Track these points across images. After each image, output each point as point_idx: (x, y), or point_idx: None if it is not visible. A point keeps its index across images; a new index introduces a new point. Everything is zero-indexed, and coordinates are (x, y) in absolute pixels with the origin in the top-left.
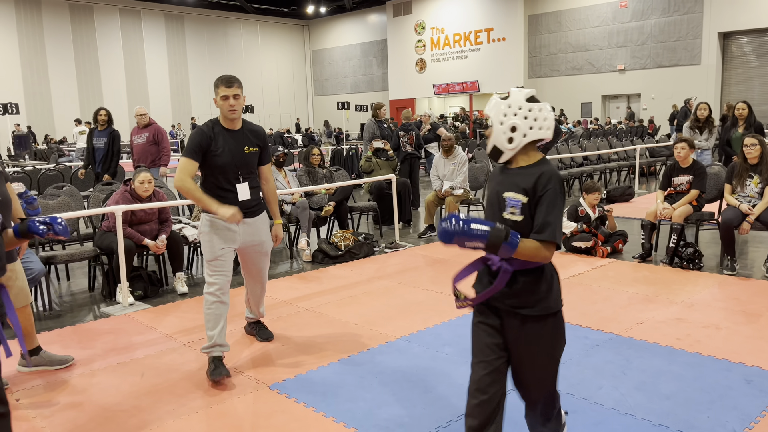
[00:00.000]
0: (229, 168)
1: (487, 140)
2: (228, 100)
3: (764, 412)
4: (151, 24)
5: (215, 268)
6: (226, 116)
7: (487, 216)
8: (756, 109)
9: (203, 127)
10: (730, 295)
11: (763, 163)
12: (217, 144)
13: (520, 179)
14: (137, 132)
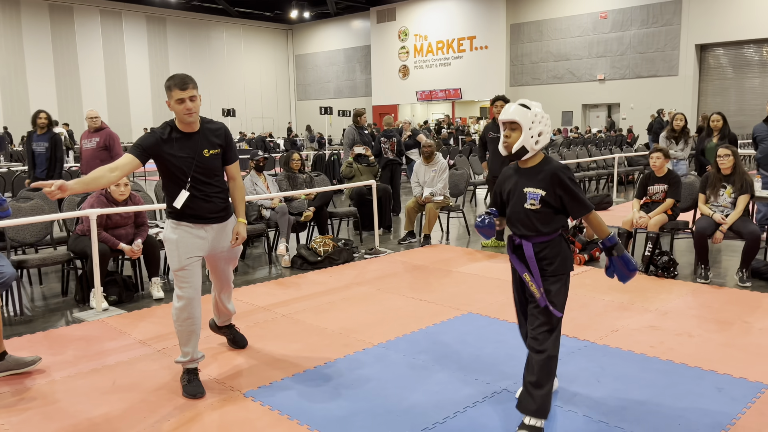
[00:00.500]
0: (179, 171)
1: (505, 141)
2: (184, 103)
3: (735, 420)
4: (133, 26)
5: (182, 279)
6: (183, 120)
7: (512, 207)
8: (732, 120)
9: (157, 129)
10: (703, 303)
11: (735, 174)
12: (171, 147)
13: (537, 176)
14: (87, 136)
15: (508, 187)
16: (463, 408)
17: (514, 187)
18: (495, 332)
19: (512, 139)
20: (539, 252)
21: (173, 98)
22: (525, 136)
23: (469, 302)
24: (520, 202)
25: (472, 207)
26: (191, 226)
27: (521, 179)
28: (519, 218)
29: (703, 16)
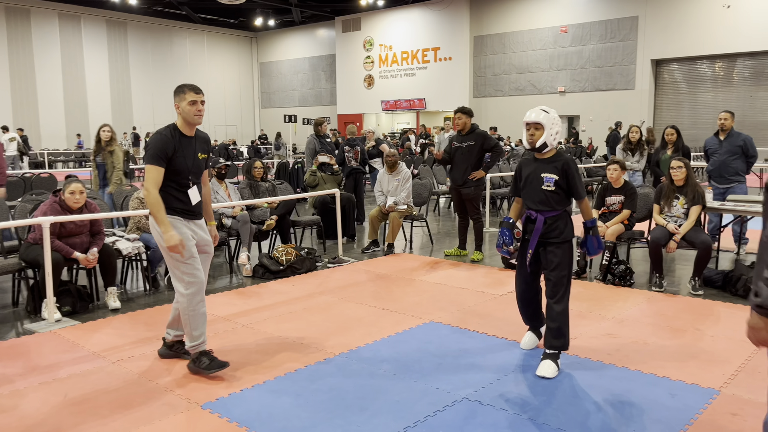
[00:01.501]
0: (184, 172)
1: (530, 138)
2: (196, 105)
3: (687, 426)
4: (92, 30)
5: (193, 266)
6: (192, 121)
7: (530, 188)
8: (685, 133)
9: (165, 132)
10: (657, 311)
11: (688, 185)
12: (177, 149)
13: (552, 165)
14: None
15: (527, 173)
16: (423, 417)
17: (533, 173)
18: (456, 341)
19: (536, 137)
20: (552, 224)
21: (186, 100)
22: (547, 134)
23: (431, 311)
24: (538, 184)
25: (435, 216)
26: (183, 220)
27: (540, 166)
28: (537, 197)
29: (658, 32)
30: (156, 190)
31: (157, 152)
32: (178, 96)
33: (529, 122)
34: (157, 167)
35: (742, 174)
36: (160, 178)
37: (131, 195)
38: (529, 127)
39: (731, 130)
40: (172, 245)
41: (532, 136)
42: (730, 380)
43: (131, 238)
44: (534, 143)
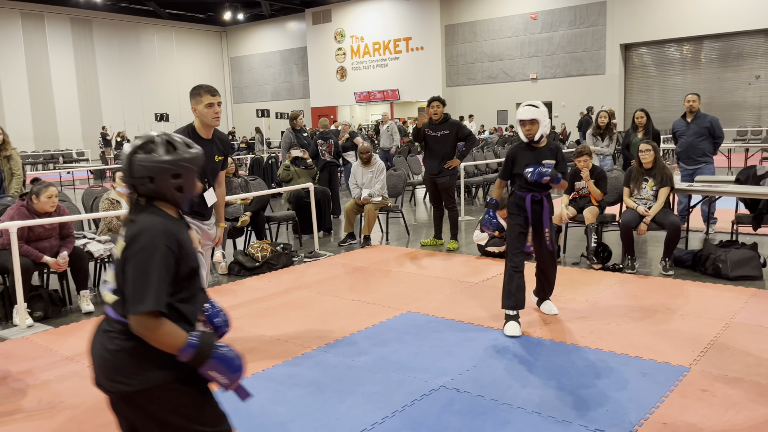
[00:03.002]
0: (201, 176)
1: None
2: (213, 107)
3: (658, 403)
4: (56, 28)
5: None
6: (210, 124)
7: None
8: (656, 116)
9: (183, 134)
10: (629, 292)
11: (656, 168)
12: None
13: (549, 151)
14: None
15: (525, 160)
16: (401, 407)
17: (533, 160)
18: (433, 330)
19: (534, 131)
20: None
21: (203, 102)
22: (542, 126)
23: (408, 301)
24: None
25: (411, 207)
26: (191, 220)
27: (539, 153)
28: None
29: (626, 16)
30: None
31: None
32: (194, 98)
33: (524, 120)
34: None
35: (710, 155)
36: None
37: (101, 196)
38: (525, 123)
39: (698, 112)
40: None
41: (529, 131)
42: (700, 357)
43: (103, 240)
44: (532, 137)
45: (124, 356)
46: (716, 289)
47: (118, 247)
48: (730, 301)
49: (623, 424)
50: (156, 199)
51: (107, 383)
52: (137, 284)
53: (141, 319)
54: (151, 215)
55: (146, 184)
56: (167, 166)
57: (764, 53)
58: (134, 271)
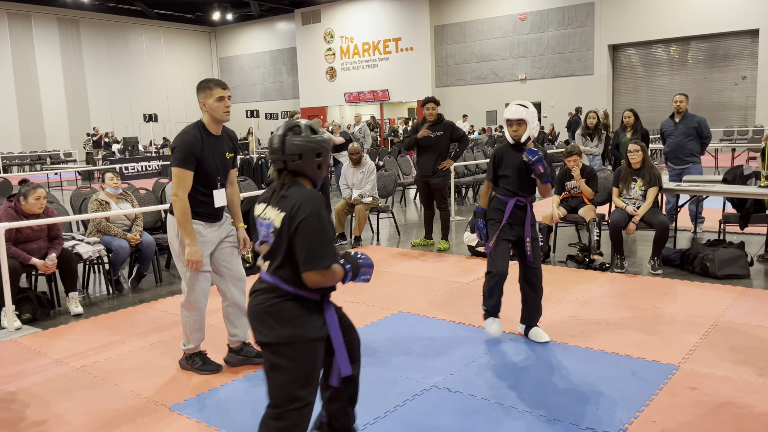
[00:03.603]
0: (212, 175)
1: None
2: (224, 101)
3: (648, 402)
4: (43, 28)
5: (198, 279)
6: (221, 119)
7: (516, 177)
8: (644, 116)
9: (193, 132)
10: (619, 291)
11: (645, 168)
12: (207, 148)
13: None
14: None
15: (512, 162)
16: (393, 407)
17: (518, 163)
18: (424, 330)
19: (521, 132)
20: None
21: (213, 96)
22: (530, 128)
23: (399, 302)
24: (527, 172)
25: (401, 207)
26: (205, 224)
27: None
28: (523, 185)
29: (614, 17)
30: (186, 196)
31: (186, 154)
32: (204, 92)
33: (512, 119)
34: (187, 171)
35: (697, 155)
36: (190, 182)
37: (90, 197)
38: (512, 123)
39: (686, 112)
40: (194, 260)
41: (516, 131)
42: (689, 355)
43: (91, 241)
44: (519, 138)
45: (265, 311)
46: (704, 288)
47: (276, 218)
48: (717, 300)
49: (613, 422)
50: (299, 175)
51: (252, 332)
52: (313, 245)
53: (321, 272)
54: (301, 188)
55: (295, 161)
56: (313, 145)
57: (750, 54)
58: (307, 234)
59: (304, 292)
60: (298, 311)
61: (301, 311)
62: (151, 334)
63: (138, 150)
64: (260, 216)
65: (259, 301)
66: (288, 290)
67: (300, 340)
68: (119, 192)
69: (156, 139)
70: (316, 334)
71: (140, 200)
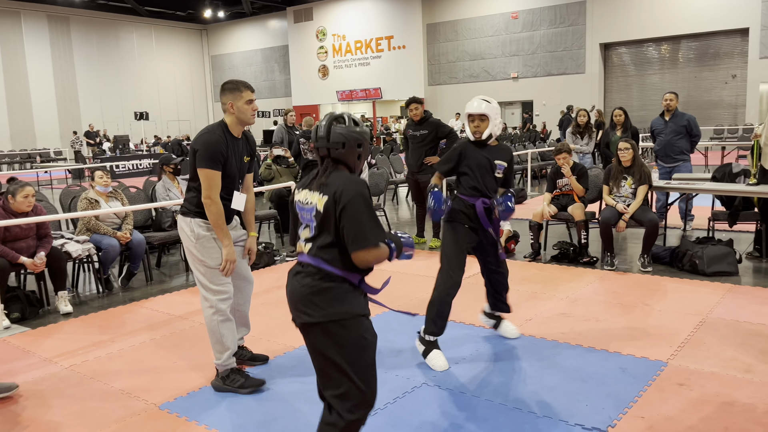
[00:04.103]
0: (234, 177)
1: (476, 131)
2: (252, 104)
3: (636, 398)
4: (33, 26)
5: (221, 276)
6: (248, 121)
7: (480, 176)
8: (635, 115)
9: (218, 131)
10: (609, 289)
11: (635, 166)
12: (230, 150)
13: (500, 152)
14: None
15: (474, 160)
16: (384, 405)
17: (482, 160)
18: (415, 328)
19: (482, 128)
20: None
21: (243, 99)
22: (492, 124)
23: (391, 299)
24: (491, 171)
25: (393, 205)
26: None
27: (490, 153)
28: (489, 184)
29: (605, 16)
30: (218, 198)
31: (213, 154)
32: (233, 94)
33: (473, 113)
34: (216, 171)
35: (687, 153)
36: (219, 182)
37: (79, 196)
38: (473, 118)
39: (676, 111)
40: (232, 260)
41: (477, 127)
42: (677, 352)
43: (81, 240)
44: (480, 135)
45: (311, 293)
46: (693, 285)
47: (318, 202)
48: (706, 297)
49: (602, 418)
50: (339, 163)
51: (295, 314)
52: (361, 225)
53: (369, 250)
54: (342, 173)
55: (339, 149)
56: (357, 135)
57: (740, 53)
58: (355, 216)
59: (347, 273)
60: (343, 290)
61: (346, 290)
62: (141, 333)
63: (129, 148)
64: (301, 201)
65: (303, 283)
66: (332, 271)
67: (349, 316)
68: (109, 190)
69: (147, 137)
70: (362, 310)
71: (130, 198)
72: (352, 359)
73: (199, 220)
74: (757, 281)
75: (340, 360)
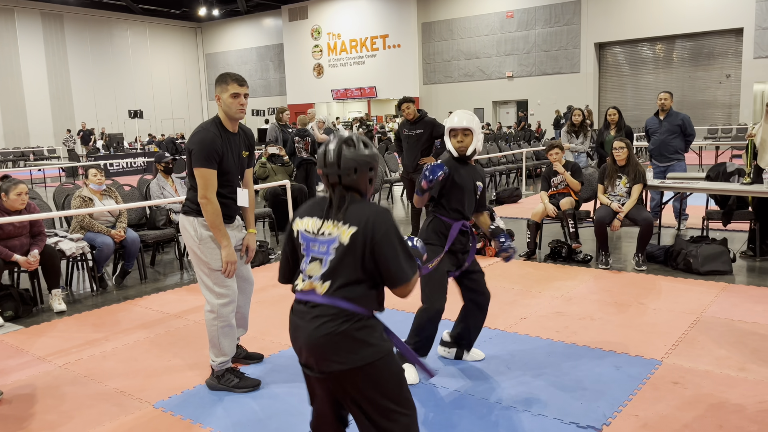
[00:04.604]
0: (233, 173)
1: (460, 146)
2: (239, 98)
3: (631, 396)
4: (27, 23)
5: (225, 278)
6: (234, 116)
7: (463, 196)
8: (629, 114)
9: (212, 129)
10: (603, 287)
11: (629, 165)
12: (226, 146)
13: (478, 173)
14: None
15: (458, 179)
16: None
17: (465, 179)
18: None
19: (466, 143)
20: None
21: (228, 92)
22: (476, 139)
23: (387, 298)
24: (473, 191)
25: (388, 204)
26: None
27: (470, 173)
28: (470, 205)
29: (600, 15)
30: (215, 197)
31: (208, 152)
32: (220, 86)
33: (457, 128)
34: (211, 170)
35: (681, 152)
36: (215, 181)
37: (73, 194)
38: (456, 133)
39: (670, 110)
40: (232, 261)
41: (461, 143)
42: (671, 350)
43: (75, 238)
44: (465, 151)
45: (339, 338)
46: (687, 284)
47: (343, 234)
48: (700, 296)
49: (597, 416)
50: (351, 190)
51: (321, 363)
52: (399, 260)
53: (409, 284)
54: (365, 203)
55: (351, 175)
56: (368, 159)
57: (735, 53)
58: (392, 250)
59: (370, 311)
60: (370, 329)
61: (373, 328)
62: (135, 331)
63: (123, 146)
64: (312, 231)
65: (326, 330)
66: (356, 311)
67: (383, 354)
68: (103, 188)
69: (141, 136)
70: (389, 345)
71: (124, 197)
72: (395, 395)
73: (201, 219)
74: (751, 280)
75: (386, 402)
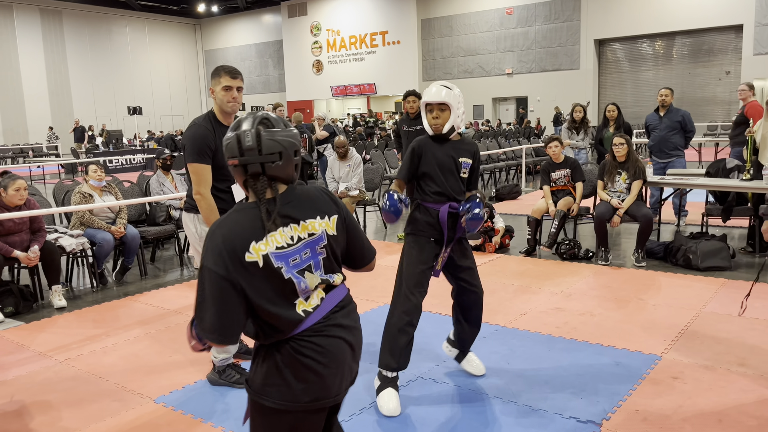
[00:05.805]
0: (227, 169)
1: (435, 123)
2: (230, 91)
3: (631, 391)
4: (25, 19)
5: None
6: (225, 109)
7: (444, 177)
8: (628, 111)
9: (204, 123)
10: (603, 283)
11: (629, 161)
12: (217, 142)
13: (464, 148)
14: None
15: (434, 158)
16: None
17: (444, 157)
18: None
19: (442, 120)
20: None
21: (220, 84)
22: (453, 116)
23: (386, 294)
24: (456, 170)
25: None
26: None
27: (453, 150)
28: (455, 185)
29: (600, 12)
30: (209, 193)
31: (200, 147)
32: (213, 79)
33: (431, 103)
34: (203, 165)
35: (681, 149)
36: (209, 176)
37: (72, 190)
38: (432, 108)
39: (670, 106)
40: None
41: (436, 119)
42: (671, 346)
43: (75, 234)
44: (440, 129)
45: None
46: (687, 280)
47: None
48: (700, 291)
49: (597, 411)
50: (276, 180)
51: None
52: (365, 237)
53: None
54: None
55: (276, 161)
56: (293, 140)
57: (734, 49)
58: (357, 227)
59: None
60: None
61: None
62: (135, 327)
63: (122, 143)
64: (288, 243)
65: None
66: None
67: None
68: (103, 184)
69: (140, 132)
70: None
71: (124, 193)
72: None
73: (198, 216)
74: (750, 276)
75: None
